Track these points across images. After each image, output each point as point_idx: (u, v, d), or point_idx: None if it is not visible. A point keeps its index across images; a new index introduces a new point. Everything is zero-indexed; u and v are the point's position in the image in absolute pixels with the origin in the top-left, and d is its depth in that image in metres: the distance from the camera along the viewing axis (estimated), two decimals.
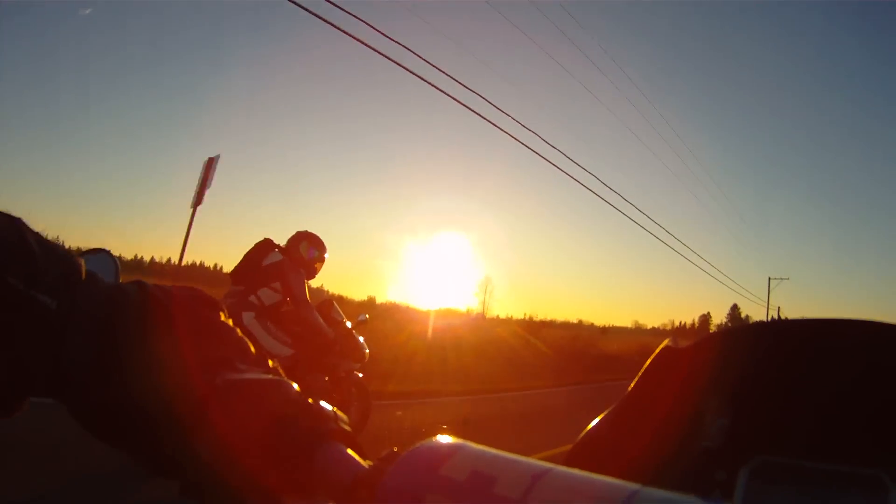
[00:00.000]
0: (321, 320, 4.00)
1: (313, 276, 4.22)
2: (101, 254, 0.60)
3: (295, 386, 0.38)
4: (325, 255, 4.27)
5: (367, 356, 4.37)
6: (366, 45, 6.78)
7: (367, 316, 4.69)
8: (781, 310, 38.46)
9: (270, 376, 0.38)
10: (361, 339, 4.37)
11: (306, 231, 4.25)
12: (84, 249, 0.64)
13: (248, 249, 4.03)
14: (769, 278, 37.45)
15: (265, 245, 4.02)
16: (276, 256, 3.94)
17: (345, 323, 4.30)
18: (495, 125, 9.09)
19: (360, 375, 4.33)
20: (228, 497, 0.34)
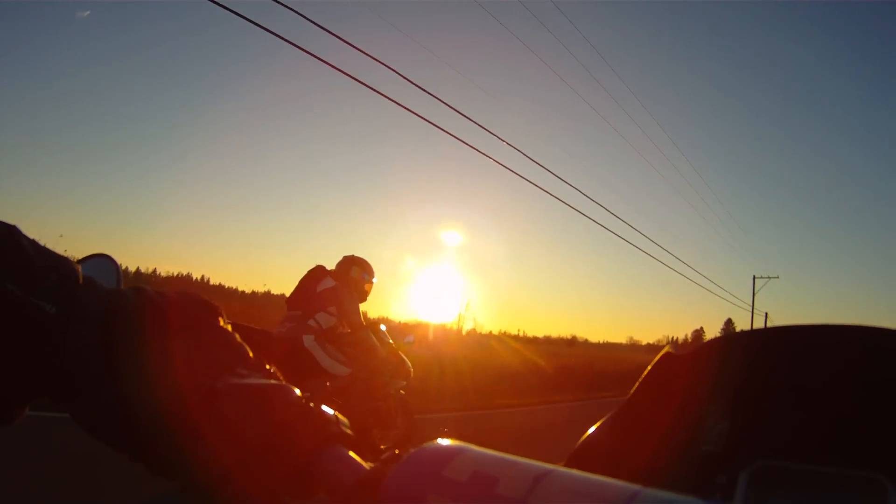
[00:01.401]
0: (375, 341, 4.29)
1: (365, 299, 4.49)
2: (102, 258, 0.60)
3: (296, 390, 0.38)
4: (374, 279, 4.55)
5: (412, 374, 4.67)
6: (334, 66, 6.86)
7: (413, 338, 5.15)
8: (770, 316, 33.45)
9: (272, 381, 0.38)
10: (406, 359, 4.69)
11: (354, 256, 4.52)
12: (86, 255, 0.64)
13: (302, 276, 4.32)
14: (754, 276, 31.00)
15: (319, 272, 4.30)
16: (329, 282, 4.21)
17: (392, 344, 4.60)
18: (478, 150, 9.13)
19: (403, 392, 4.61)
20: (229, 499, 0.34)
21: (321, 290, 4.18)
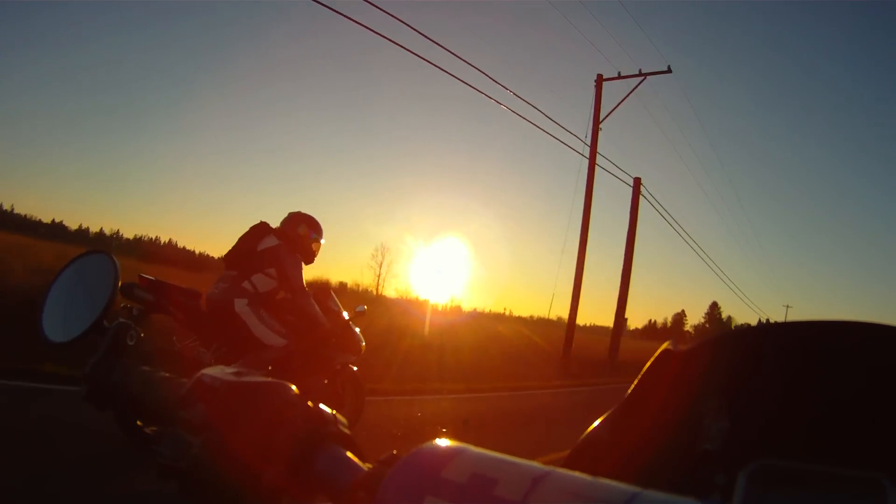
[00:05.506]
0: (318, 310, 3.83)
1: (311, 261, 4.02)
2: (100, 255, 0.60)
3: (293, 388, 0.38)
4: (322, 239, 4.06)
5: (364, 349, 4.19)
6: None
7: (366, 307, 4.41)
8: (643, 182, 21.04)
9: (270, 378, 0.38)
10: (358, 330, 4.17)
11: (301, 212, 4.03)
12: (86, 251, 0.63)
13: (243, 233, 3.83)
14: (600, 77, 16.36)
15: (261, 228, 3.83)
16: (271, 241, 3.75)
17: (342, 313, 4.09)
18: (465, 80, 8.95)
19: (355, 368, 4.14)
20: (228, 499, 0.34)
21: (262, 249, 3.69)
